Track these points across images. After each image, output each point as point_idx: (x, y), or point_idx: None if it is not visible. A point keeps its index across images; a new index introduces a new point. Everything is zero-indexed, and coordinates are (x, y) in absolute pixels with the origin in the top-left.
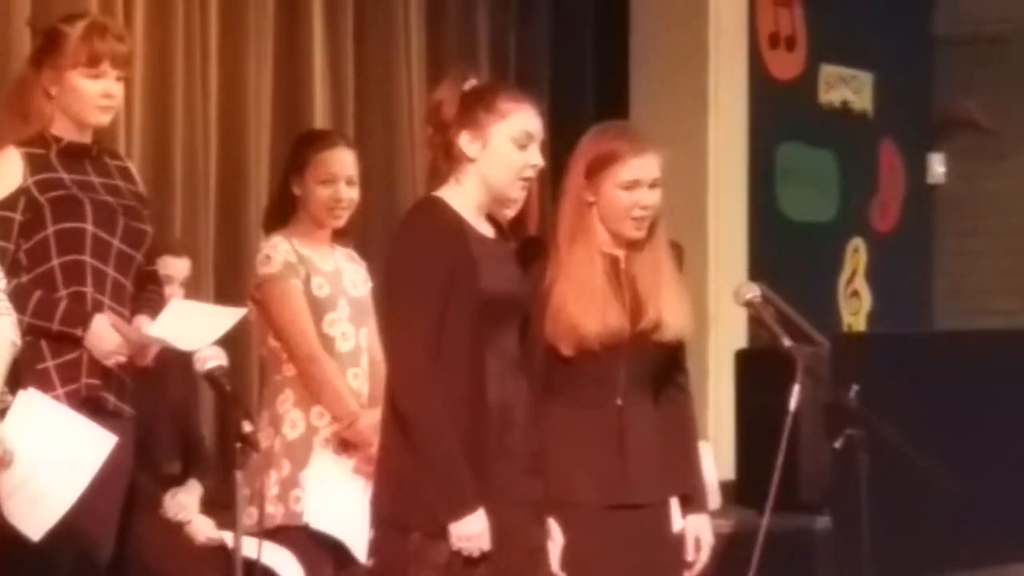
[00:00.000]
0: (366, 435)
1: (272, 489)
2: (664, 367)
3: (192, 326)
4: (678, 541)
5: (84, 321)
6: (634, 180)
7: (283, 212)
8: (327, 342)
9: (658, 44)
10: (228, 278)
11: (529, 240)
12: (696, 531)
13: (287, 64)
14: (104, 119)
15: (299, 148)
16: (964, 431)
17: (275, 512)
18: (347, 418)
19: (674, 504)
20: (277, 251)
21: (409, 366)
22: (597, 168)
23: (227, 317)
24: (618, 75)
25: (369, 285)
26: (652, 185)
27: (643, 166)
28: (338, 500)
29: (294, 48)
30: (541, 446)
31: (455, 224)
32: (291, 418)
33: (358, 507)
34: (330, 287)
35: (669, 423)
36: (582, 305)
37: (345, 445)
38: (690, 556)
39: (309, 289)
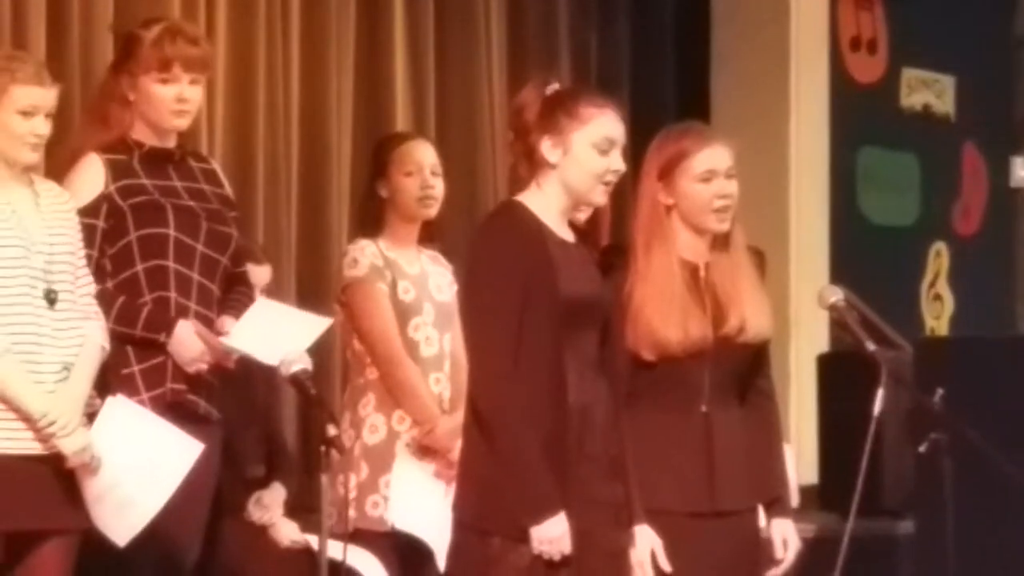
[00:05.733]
0: (444, 442)
1: (351, 492)
2: (748, 372)
3: (276, 332)
4: (764, 545)
5: (168, 326)
6: (709, 170)
7: (369, 217)
8: (411, 346)
9: (739, 48)
10: (310, 280)
11: (610, 247)
12: (783, 534)
13: (368, 68)
14: (180, 123)
15: (379, 151)
16: None
17: (352, 516)
18: (427, 423)
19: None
20: (364, 254)
21: (490, 369)
22: (669, 168)
23: (313, 327)
24: (699, 79)
25: (454, 289)
26: (728, 176)
27: (714, 155)
28: (422, 502)
29: (375, 51)
30: (621, 450)
31: (534, 228)
32: (372, 422)
33: (440, 511)
34: (416, 291)
35: (755, 429)
36: (661, 312)
37: (425, 450)
38: (779, 554)
39: (395, 293)
